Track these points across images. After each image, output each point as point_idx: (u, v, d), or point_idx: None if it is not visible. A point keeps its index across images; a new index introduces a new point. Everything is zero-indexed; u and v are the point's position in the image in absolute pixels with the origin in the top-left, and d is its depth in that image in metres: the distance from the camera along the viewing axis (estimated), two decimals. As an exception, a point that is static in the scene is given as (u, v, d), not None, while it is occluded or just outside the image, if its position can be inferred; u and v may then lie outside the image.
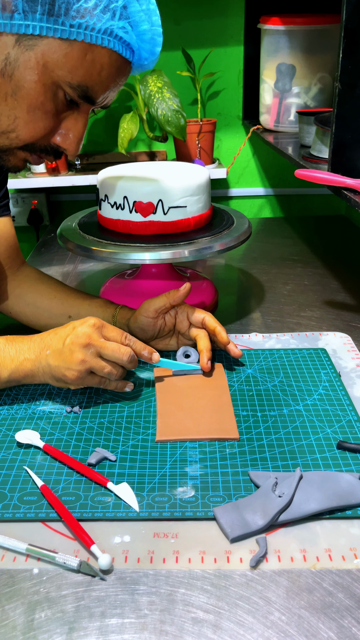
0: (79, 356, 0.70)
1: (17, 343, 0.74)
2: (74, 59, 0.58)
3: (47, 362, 0.72)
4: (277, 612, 0.50)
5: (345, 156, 0.86)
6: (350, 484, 0.61)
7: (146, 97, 1.34)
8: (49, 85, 0.59)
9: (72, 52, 0.58)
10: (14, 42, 0.56)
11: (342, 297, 1.11)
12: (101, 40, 0.58)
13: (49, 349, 0.72)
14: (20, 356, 0.73)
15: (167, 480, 0.64)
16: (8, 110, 0.60)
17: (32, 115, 0.60)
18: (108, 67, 0.61)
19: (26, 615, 0.50)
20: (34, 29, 0.56)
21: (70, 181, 1.46)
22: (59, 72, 0.58)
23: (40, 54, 0.57)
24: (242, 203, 1.72)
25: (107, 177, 0.94)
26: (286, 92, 1.33)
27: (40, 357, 0.73)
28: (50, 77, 0.58)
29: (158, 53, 0.65)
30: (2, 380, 0.73)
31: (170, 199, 0.89)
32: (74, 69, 0.59)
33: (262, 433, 0.72)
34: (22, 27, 0.55)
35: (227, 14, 1.48)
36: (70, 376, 0.71)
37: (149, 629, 0.49)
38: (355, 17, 0.78)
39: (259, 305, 1.08)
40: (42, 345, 0.73)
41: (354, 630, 0.48)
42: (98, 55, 0.59)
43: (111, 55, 0.60)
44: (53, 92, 0.60)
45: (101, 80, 0.61)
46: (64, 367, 0.71)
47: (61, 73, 0.58)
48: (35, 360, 0.73)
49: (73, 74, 0.59)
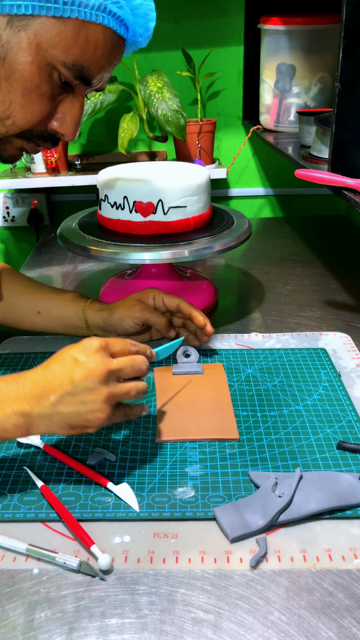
0: (103, 392, 0.59)
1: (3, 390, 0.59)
2: (68, 38, 0.56)
3: (56, 411, 0.58)
4: (277, 612, 0.50)
5: (345, 156, 0.86)
6: (350, 484, 0.61)
7: (146, 97, 1.34)
8: (44, 67, 0.57)
9: (66, 30, 0.56)
10: (5, 24, 0.55)
11: (342, 297, 1.11)
12: (95, 16, 0.57)
13: (52, 395, 0.58)
14: (8, 409, 0.58)
15: (167, 480, 0.64)
16: (2, 95, 0.58)
17: (28, 99, 0.58)
18: (103, 45, 0.59)
19: (26, 615, 0.50)
20: (26, 9, 0.54)
21: (70, 181, 1.46)
22: (53, 51, 0.57)
23: (33, 34, 0.55)
24: (242, 203, 1.72)
25: (107, 177, 0.94)
26: (286, 92, 1.33)
27: (41, 406, 0.58)
28: (44, 57, 0.57)
29: (152, 29, 0.63)
30: None
31: (170, 199, 0.89)
32: (68, 47, 0.57)
33: (262, 433, 0.72)
34: (13, 7, 0.54)
35: (227, 14, 1.48)
36: (96, 419, 0.59)
37: (149, 629, 0.49)
38: (355, 17, 0.77)
39: (259, 305, 1.08)
40: (38, 390, 0.59)
41: (354, 630, 0.48)
42: (92, 33, 0.57)
43: (105, 32, 0.58)
44: (48, 73, 0.58)
45: (96, 59, 0.59)
46: (85, 411, 0.59)
47: (55, 53, 0.57)
48: (30, 411, 0.58)
49: (67, 53, 0.57)
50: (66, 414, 0.59)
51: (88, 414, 0.59)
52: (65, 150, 1.49)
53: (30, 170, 1.50)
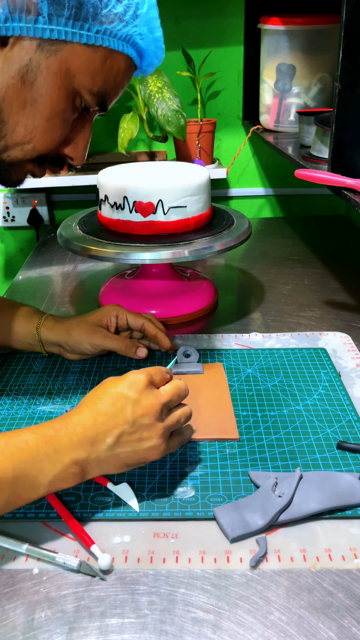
0: (159, 427, 0.59)
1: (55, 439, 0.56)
2: (95, 65, 0.56)
3: (113, 453, 0.58)
4: (277, 612, 0.50)
5: (345, 156, 0.86)
6: (350, 484, 0.61)
7: (146, 97, 1.34)
8: (70, 92, 0.57)
9: (95, 58, 0.56)
10: (36, 47, 0.54)
11: (342, 297, 1.11)
12: (122, 46, 0.57)
13: (108, 437, 0.57)
14: (66, 458, 0.55)
15: (167, 480, 0.64)
16: (26, 119, 0.56)
17: (52, 123, 0.58)
18: (123, 73, 0.60)
19: (26, 615, 0.50)
20: (59, 34, 0.53)
21: (70, 181, 1.46)
22: (81, 78, 0.56)
23: (63, 60, 0.55)
24: (242, 203, 1.72)
25: (107, 177, 0.94)
26: (286, 92, 1.33)
27: (98, 450, 0.57)
28: (71, 83, 0.56)
29: (162, 59, 0.65)
30: (41, 492, 0.55)
31: (170, 199, 0.89)
32: (96, 75, 0.57)
33: (262, 433, 0.72)
34: (46, 31, 0.53)
35: (227, 14, 1.48)
36: (154, 454, 0.60)
37: (149, 629, 0.49)
38: (355, 17, 0.77)
39: (259, 305, 1.08)
40: (92, 434, 0.57)
41: (354, 630, 0.48)
42: (116, 61, 0.58)
43: (127, 61, 0.59)
44: (72, 99, 0.58)
45: (116, 86, 0.60)
46: (143, 448, 0.59)
47: (83, 79, 0.57)
48: (88, 457, 0.57)
49: (94, 80, 0.57)
50: (123, 454, 0.58)
51: (146, 451, 0.59)
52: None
53: (30, 170, 1.50)
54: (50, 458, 0.55)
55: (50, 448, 0.55)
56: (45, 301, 1.12)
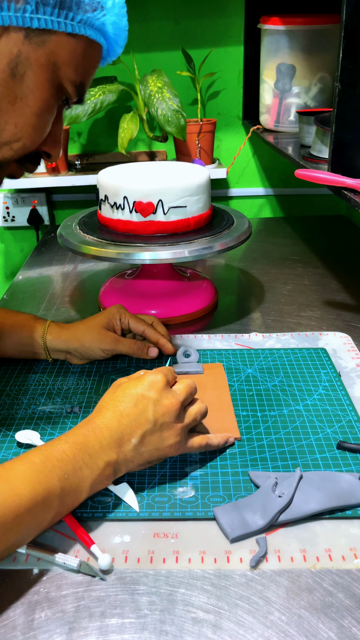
0: (179, 425, 0.62)
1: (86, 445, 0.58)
2: (78, 56, 0.55)
3: (138, 452, 0.60)
4: (277, 612, 0.50)
5: (345, 156, 0.86)
6: (350, 484, 0.61)
7: (146, 97, 1.34)
8: (56, 85, 0.55)
9: (78, 48, 0.54)
10: (23, 38, 0.51)
11: (342, 297, 1.11)
12: (98, 35, 0.56)
13: (133, 437, 0.60)
14: (100, 462, 0.58)
15: (167, 480, 0.64)
16: (16, 116, 0.54)
17: (41, 119, 0.56)
18: (96, 65, 0.58)
19: (26, 615, 0.50)
20: (45, 23, 0.51)
21: (70, 181, 1.46)
22: (65, 70, 0.55)
23: (50, 52, 0.53)
24: (242, 203, 1.72)
25: (107, 177, 0.94)
26: (286, 92, 1.33)
27: (125, 451, 0.60)
28: (57, 76, 0.55)
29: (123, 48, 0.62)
30: (83, 497, 0.57)
31: (170, 199, 0.89)
32: (79, 66, 0.55)
33: (262, 433, 0.72)
34: (33, 20, 0.51)
35: (227, 14, 1.48)
36: (173, 451, 0.63)
37: (149, 629, 0.49)
38: (355, 17, 0.77)
39: (259, 305, 1.08)
40: (118, 435, 0.59)
41: (354, 630, 0.48)
42: (94, 51, 0.57)
43: (100, 50, 0.58)
44: (57, 92, 0.56)
45: (91, 76, 0.59)
46: (164, 446, 0.62)
47: (68, 71, 0.55)
48: (117, 458, 0.59)
49: (77, 72, 0.56)
50: (146, 453, 0.61)
51: (166, 448, 0.62)
52: (65, 150, 1.49)
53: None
54: (87, 464, 0.57)
55: (85, 455, 0.57)
56: (45, 301, 1.12)
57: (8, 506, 0.50)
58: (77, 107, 1.33)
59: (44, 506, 0.53)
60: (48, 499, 0.53)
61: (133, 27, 1.49)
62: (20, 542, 0.53)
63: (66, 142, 1.49)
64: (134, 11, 1.45)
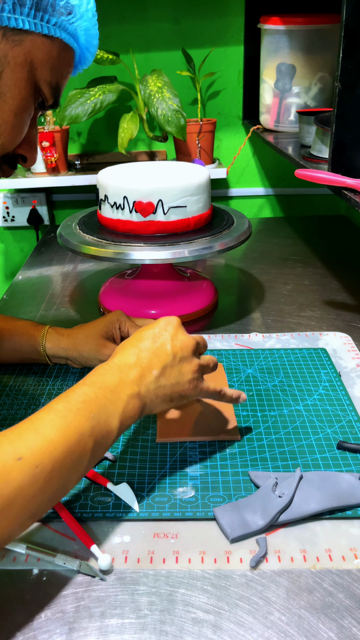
0: (195, 361, 0.63)
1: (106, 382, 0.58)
2: (54, 58, 0.56)
3: (160, 384, 0.61)
4: (277, 612, 0.50)
5: (345, 156, 0.86)
6: (350, 484, 0.61)
7: (146, 97, 1.34)
8: (33, 86, 0.56)
9: (53, 50, 0.56)
10: (1, 37, 0.53)
11: (342, 297, 1.11)
12: (71, 40, 0.57)
13: (154, 369, 0.60)
14: (123, 395, 0.58)
15: (167, 480, 0.64)
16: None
17: (20, 118, 0.57)
18: (71, 68, 0.60)
19: (26, 615, 0.50)
20: (22, 23, 0.53)
21: (70, 181, 1.46)
22: (42, 71, 0.56)
23: (27, 51, 0.54)
24: (242, 203, 1.72)
25: (107, 177, 0.94)
26: (286, 92, 1.33)
27: (147, 383, 0.60)
28: (34, 76, 0.56)
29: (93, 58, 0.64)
30: (115, 434, 0.57)
31: (170, 199, 0.89)
32: (54, 68, 0.57)
33: (262, 433, 0.72)
34: (11, 19, 0.52)
35: (227, 14, 1.48)
36: (193, 388, 0.63)
37: (149, 629, 0.49)
38: (355, 17, 0.77)
39: (259, 305, 1.08)
40: (139, 369, 0.60)
41: (354, 630, 0.48)
42: (68, 55, 0.58)
43: (74, 55, 0.60)
44: (34, 93, 0.57)
45: (65, 81, 0.60)
46: (184, 381, 0.62)
47: (44, 72, 0.56)
48: (140, 391, 0.59)
49: (53, 74, 0.57)
50: (168, 386, 0.61)
51: (186, 383, 0.62)
52: (65, 150, 1.49)
53: (30, 170, 1.50)
54: (111, 400, 0.56)
55: (107, 391, 0.57)
56: (45, 301, 1.12)
57: (43, 454, 0.49)
58: (77, 107, 1.33)
59: (79, 448, 0.52)
60: (81, 441, 0.52)
61: (133, 27, 1.51)
62: (63, 490, 0.52)
63: (66, 142, 1.49)
64: (134, 11, 1.45)
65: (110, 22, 1.46)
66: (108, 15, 1.44)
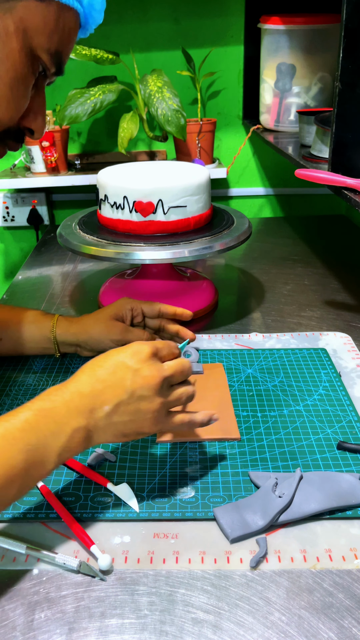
0: (158, 400, 0.58)
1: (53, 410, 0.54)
2: (50, 23, 0.53)
3: (110, 421, 0.56)
4: (277, 612, 0.50)
5: (345, 156, 0.86)
6: (350, 484, 0.61)
7: (146, 96, 1.34)
8: (29, 55, 0.53)
9: (49, 15, 0.52)
10: None
11: (342, 297, 1.11)
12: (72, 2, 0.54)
13: (106, 405, 0.56)
14: (67, 428, 0.54)
15: (167, 480, 0.64)
16: None
17: (16, 91, 0.53)
18: (73, 32, 0.56)
19: (26, 616, 0.50)
20: None
21: (70, 181, 1.46)
22: (38, 38, 0.53)
23: (19, 19, 0.51)
24: (242, 203, 1.72)
25: (107, 177, 0.94)
26: (286, 92, 1.33)
27: (96, 418, 0.56)
28: (29, 44, 0.53)
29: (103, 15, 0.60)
30: (50, 467, 0.53)
31: (170, 199, 0.89)
32: (52, 33, 0.53)
33: (262, 433, 0.72)
34: None
35: (227, 14, 1.47)
36: (150, 427, 0.58)
37: (149, 629, 0.49)
38: (355, 17, 0.77)
39: (259, 305, 1.08)
40: (90, 401, 0.55)
41: (354, 630, 0.48)
42: (68, 18, 0.54)
43: (76, 17, 0.56)
44: (31, 62, 0.54)
45: (69, 45, 0.56)
46: (140, 419, 0.57)
47: (40, 39, 0.53)
48: (87, 425, 0.55)
49: (51, 40, 0.53)
50: (120, 424, 0.57)
51: (143, 422, 0.58)
52: (65, 150, 1.49)
53: (30, 170, 1.50)
54: (52, 432, 0.53)
55: (50, 421, 0.53)
56: (45, 301, 1.12)
57: None
58: (77, 106, 1.33)
59: (6, 480, 0.49)
60: (10, 473, 0.49)
61: (133, 27, 1.50)
62: None
63: (66, 141, 1.49)
64: (134, 11, 1.45)
65: (110, 22, 1.46)
66: (108, 15, 1.43)
